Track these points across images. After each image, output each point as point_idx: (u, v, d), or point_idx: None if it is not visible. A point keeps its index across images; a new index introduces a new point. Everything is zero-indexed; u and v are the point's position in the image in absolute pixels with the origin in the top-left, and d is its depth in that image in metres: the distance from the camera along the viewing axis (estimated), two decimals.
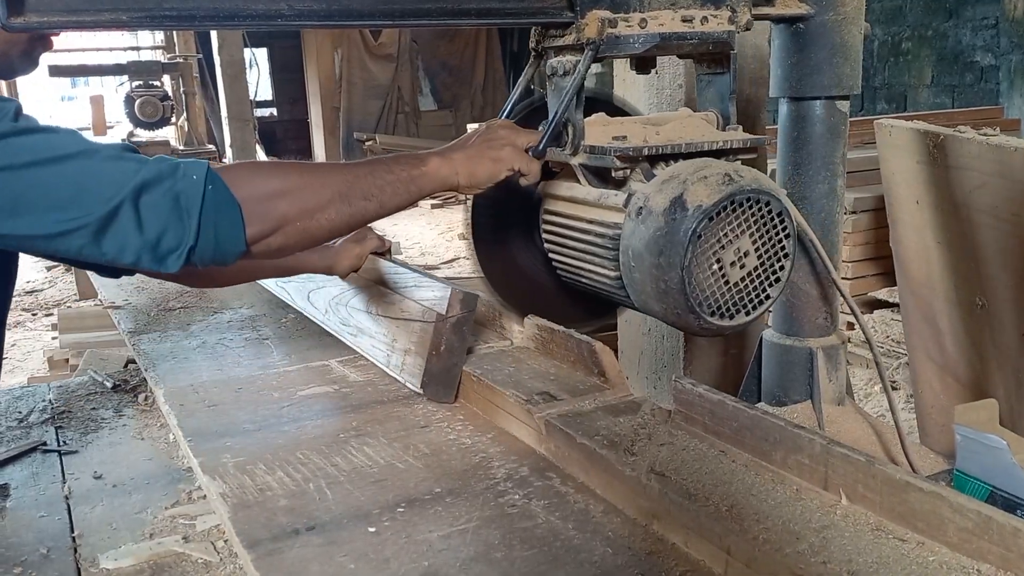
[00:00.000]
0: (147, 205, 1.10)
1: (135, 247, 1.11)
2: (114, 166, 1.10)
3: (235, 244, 1.16)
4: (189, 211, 1.11)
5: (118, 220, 1.09)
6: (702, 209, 1.25)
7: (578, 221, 1.45)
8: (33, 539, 1.27)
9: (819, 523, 1.05)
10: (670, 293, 1.28)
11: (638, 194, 1.33)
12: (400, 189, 1.30)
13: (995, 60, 7.72)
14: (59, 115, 16.87)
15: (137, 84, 9.08)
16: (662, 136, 1.38)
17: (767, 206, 1.31)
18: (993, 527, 0.93)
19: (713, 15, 1.40)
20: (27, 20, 1.02)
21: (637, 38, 1.35)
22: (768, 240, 1.33)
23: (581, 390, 1.50)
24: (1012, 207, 2.13)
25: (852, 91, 1.71)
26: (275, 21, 1.18)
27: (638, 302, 1.37)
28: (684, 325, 1.33)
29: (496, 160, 1.39)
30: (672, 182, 1.30)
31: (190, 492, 1.40)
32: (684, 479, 1.17)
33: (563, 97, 1.37)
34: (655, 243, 1.27)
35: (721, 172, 1.29)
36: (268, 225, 1.18)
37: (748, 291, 1.33)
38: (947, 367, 2.53)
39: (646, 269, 1.29)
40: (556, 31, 1.40)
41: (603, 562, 1.09)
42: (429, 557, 1.11)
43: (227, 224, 1.14)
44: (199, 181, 1.12)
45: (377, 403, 1.63)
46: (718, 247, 1.28)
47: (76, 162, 1.10)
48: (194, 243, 1.12)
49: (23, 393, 1.89)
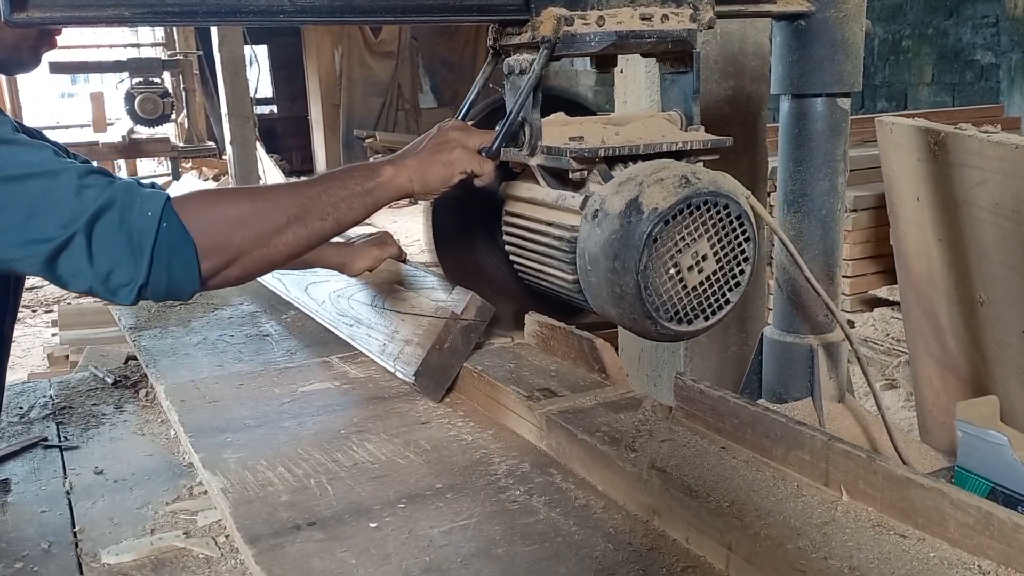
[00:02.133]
0: (100, 237, 1.09)
1: (87, 278, 1.11)
2: (73, 192, 1.08)
3: (189, 282, 1.15)
4: (142, 248, 1.10)
5: (71, 249, 1.08)
6: (658, 212, 1.22)
7: (537, 223, 1.43)
8: (34, 534, 1.27)
9: (820, 519, 1.05)
10: (626, 298, 1.25)
11: (595, 196, 1.30)
12: (356, 204, 1.29)
13: (995, 58, 7.71)
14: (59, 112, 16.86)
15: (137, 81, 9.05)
16: (621, 137, 1.36)
17: (725, 209, 1.27)
18: (994, 523, 0.93)
19: (674, 13, 1.38)
20: (30, 15, 1.02)
21: (593, 36, 1.32)
22: (727, 244, 1.29)
23: (582, 386, 1.50)
24: (1013, 204, 2.13)
25: (853, 88, 1.72)
26: (277, 17, 1.18)
27: (595, 306, 1.35)
28: (641, 330, 1.30)
29: (447, 164, 1.37)
30: (629, 184, 1.26)
31: (191, 488, 1.40)
32: (685, 475, 1.17)
33: (518, 96, 1.34)
34: (610, 246, 1.24)
35: (678, 174, 1.26)
36: (224, 259, 1.17)
37: (707, 296, 1.30)
38: (948, 364, 2.53)
39: (602, 273, 1.27)
40: (512, 29, 1.38)
41: (604, 558, 1.09)
42: (430, 552, 1.11)
43: (180, 262, 1.13)
44: (154, 218, 1.10)
45: (378, 399, 1.63)
46: (675, 251, 1.25)
47: (38, 182, 1.08)
48: (145, 281, 1.11)
49: (24, 389, 1.89)
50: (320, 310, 1.99)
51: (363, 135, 12.23)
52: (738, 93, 2.41)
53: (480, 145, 1.39)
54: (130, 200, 1.11)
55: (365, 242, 1.76)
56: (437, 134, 1.41)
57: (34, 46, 1.27)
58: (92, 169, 1.13)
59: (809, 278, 1.64)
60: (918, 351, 2.69)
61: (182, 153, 9.58)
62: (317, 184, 1.29)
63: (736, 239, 1.30)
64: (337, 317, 1.91)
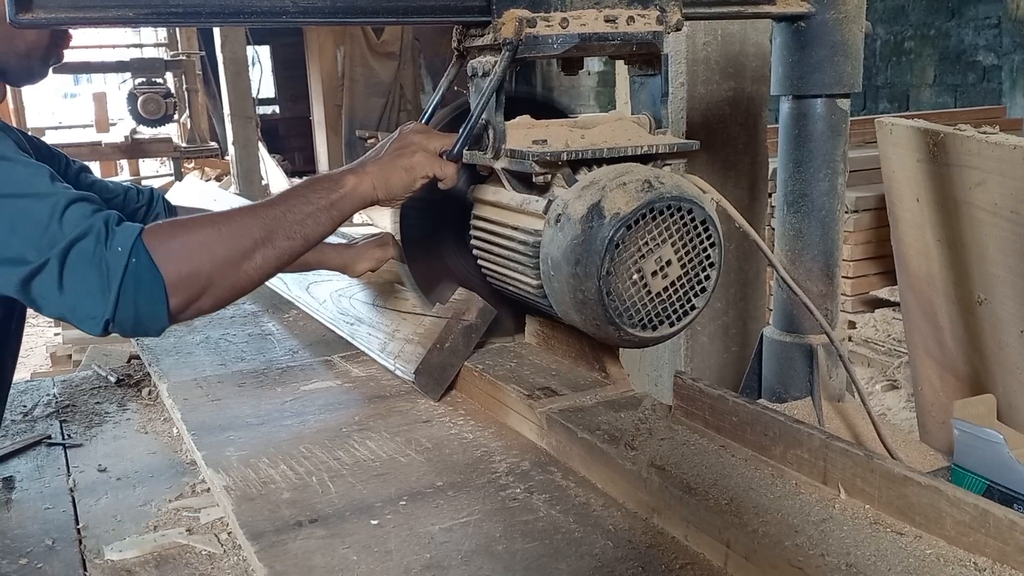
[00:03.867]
0: (71, 268, 1.09)
1: (57, 305, 1.12)
2: (55, 218, 1.09)
3: (157, 318, 1.14)
4: (110, 283, 1.10)
5: (43, 275, 1.09)
6: (619, 217, 1.21)
7: (502, 227, 1.42)
8: (38, 531, 1.28)
9: (818, 516, 1.06)
10: (588, 303, 1.24)
11: (558, 200, 1.29)
12: (322, 218, 1.27)
13: (997, 60, 7.71)
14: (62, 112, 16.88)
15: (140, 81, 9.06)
16: (586, 140, 1.35)
17: (689, 214, 1.27)
18: (990, 520, 0.94)
19: (640, 15, 1.36)
20: (35, 16, 1.03)
21: (556, 38, 1.31)
22: (691, 249, 1.29)
23: (582, 385, 1.50)
24: (1011, 204, 2.14)
25: (853, 89, 1.72)
26: (280, 18, 1.19)
27: (559, 312, 1.34)
28: (605, 336, 1.30)
29: (408, 168, 1.36)
30: (591, 188, 1.26)
31: (194, 485, 1.41)
32: (684, 473, 1.18)
33: (480, 99, 1.33)
34: (572, 252, 1.24)
35: (641, 179, 1.25)
36: (194, 291, 1.16)
37: (672, 302, 1.30)
38: (947, 364, 2.54)
39: (564, 278, 1.26)
40: (475, 31, 1.37)
41: (603, 555, 1.10)
42: (431, 549, 1.12)
43: (147, 299, 1.12)
44: (124, 253, 1.11)
45: (379, 398, 1.64)
46: (638, 256, 1.25)
47: (23, 202, 1.09)
48: (111, 316, 1.11)
49: (28, 387, 1.90)
50: (321, 309, 2.00)
51: (365, 135, 12.22)
52: (739, 94, 2.42)
53: (442, 148, 1.38)
54: (105, 233, 1.11)
55: (367, 243, 1.77)
56: (398, 138, 1.40)
57: (44, 56, 1.28)
58: (79, 197, 1.13)
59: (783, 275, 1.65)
60: (917, 351, 2.70)
61: (184, 153, 9.58)
62: (280, 203, 1.27)
63: (701, 244, 1.29)
64: (338, 316, 1.92)
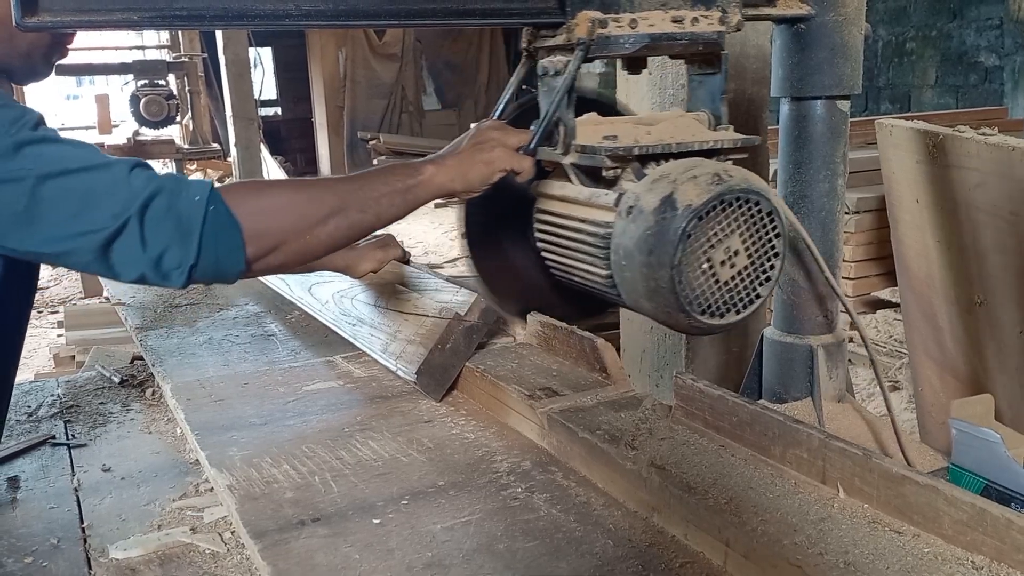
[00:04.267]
0: (151, 223, 1.12)
1: (140, 263, 1.14)
2: (124, 182, 1.12)
3: (235, 264, 1.18)
4: (191, 231, 1.13)
5: (124, 236, 1.11)
6: (692, 208, 1.25)
7: (570, 220, 1.46)
8: (43, 530, 1.29)
9: (816, 516, 1.06)
10: (660, 292, 1.28)
11: (628, 193, 1.33)
12: (397, 200, 1.31)
13: (999, 61, 7.71)
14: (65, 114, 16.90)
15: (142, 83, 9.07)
16: (653, 136, 1.39)
17: (756, 206, 1.31)
18: (987, 519, 0.95)
19: (704, 16, 1.40)
20: (40, 19, 1.04)
21: (627, 38, 1.35)
22: (758, 239, 1.33)
23: (583, 386, 1.51)
24: (1011, 205, 2.14)
25: (853, 91, 1.73)
26: (283, 21, 1.20)
27: (629, 300, 1.38)
28: (674, 323, 1.33)
29: (488, 163, 1.39)
30: (662, 181, 1.30)
31: (197, 485, 1.42)
32: (684, 473, 1.19)
33: (554, 97, 1.38)
34: (645, 242, 1.27)
35: (711, 172, 1.29)
36: (267, 244, 1.20)
37: (738, 290, 1.34)
38: (946, 365, 2.55)
39: (636, 268, 1.30)
40: (547, 31, 1.41)
41: (604, 554, 1.10)
42: (433, 548, 1.13)
43: (227, 245, 1.16)
44: (201, 202, 1.14)
45: (381, 398, 1.65)
46: (708, 246, 1.28)
47: (88, 175, 1.12)
48: (195, 262, 1.14)
49: (32, 388, 1.91)
50: (323, 310, 2.01)
51: (367, 137, 12.23)
52: (739, 96, 2.42)
53: (519, 144, 1.42)
54: (177, 187, 1.15)
55: (368, 244, 1.78)
56: (476, 134, 1.44)
57: (46, 54, 1.30)
58: (139, 162, 1.17)
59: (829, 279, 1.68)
60: (917, 352, 2.70)
61: (187, 155, 9.59)
62: (359, 179, 1.32)
63: (767, 235, 1.34)
64: (340, 317, 1.93)
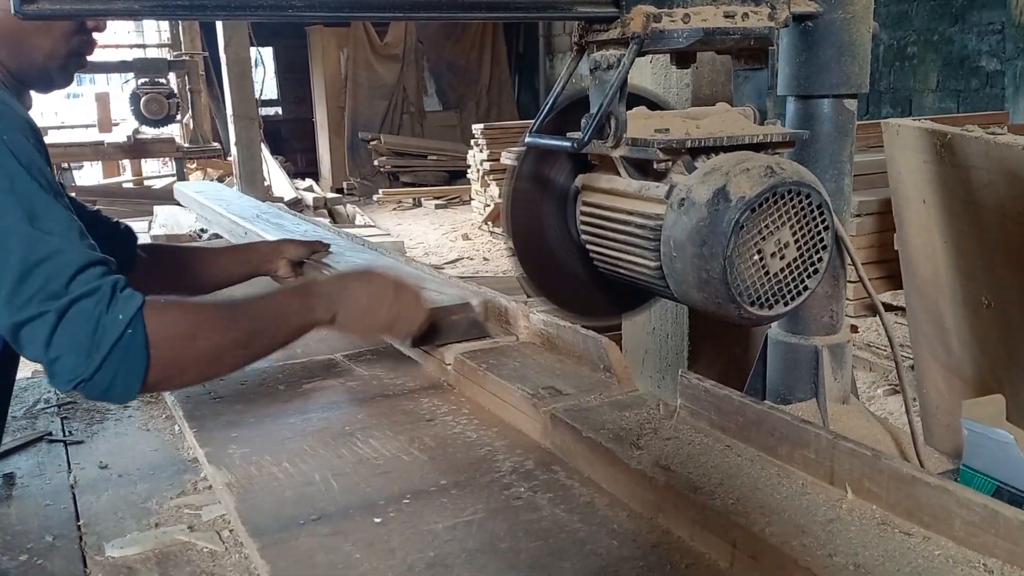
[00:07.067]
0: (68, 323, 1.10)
1: (38, 353, 1.12)
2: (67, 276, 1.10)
3: (128, 389, 1.15)
4: (99, 348, 1.11)
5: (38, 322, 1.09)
6: (745, 200, 1.26)
7: (618, 212, 1.46)
8: (39, 527, 1.27)
9: (825, 517, 1.05)
10: (711, 283, 1.29)
11: (680, 185, 1.34)
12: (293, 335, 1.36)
13: (1001, 65, 7.71)
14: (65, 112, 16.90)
15: (143, 82, 9.06)
16: (702, 130, 1.40)
17: (808, 198, 1.33)
18: (1000, 521, 0.93)
19: (753, 11, 1.42)
20: (40, 7, 1.02)
21: (681, 33, 1.36)
22: (808, 232, 1.34)
23: (587, 385, 1.50)
24: (1019, 206, 2.13)
25: (860, 89, 1.72)
26: (285, 12, 1.18)
27: (678, 292, 1.39)
28: (724, 314, 1.35)
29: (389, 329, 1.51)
30: (715, 174, 1.31)
31: (195, 482, 1.40)
32: (690, 473, 1.17)
33: (608, 90, 1.38)
34: (698, 233, 1.29)
35: (763, 164, 1.31)
36: (171, 371, 1.19)
37: (787, 282, 1.35)
38: (952, 367, 2.53)
39: (688, 259, 1.31)
40: (600, 26, 1.41)
41: (608, 554, 1.09)
42: (435, 547, 1.11)
43: (126, 374, 1.13)
44: (122, 322, 1.12)
45: (382, 397, 1.64)
46: (759, 238, 1.30)
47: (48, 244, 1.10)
48: (88, 378, 1.11)
49: (29, 384, 1.89)
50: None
51: (368, 137, 12.25)
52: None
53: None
54: (109, 297, 1.12)
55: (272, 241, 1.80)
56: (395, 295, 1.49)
57: (63, 66, 1.29)
58: (98, 260, 1.15)
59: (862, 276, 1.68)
60: (923, 354, 2.69)
61: (187, 154, 9.59)
62: (273, 308, 1.34)
63: (816, 227, 1.35)
64: None
